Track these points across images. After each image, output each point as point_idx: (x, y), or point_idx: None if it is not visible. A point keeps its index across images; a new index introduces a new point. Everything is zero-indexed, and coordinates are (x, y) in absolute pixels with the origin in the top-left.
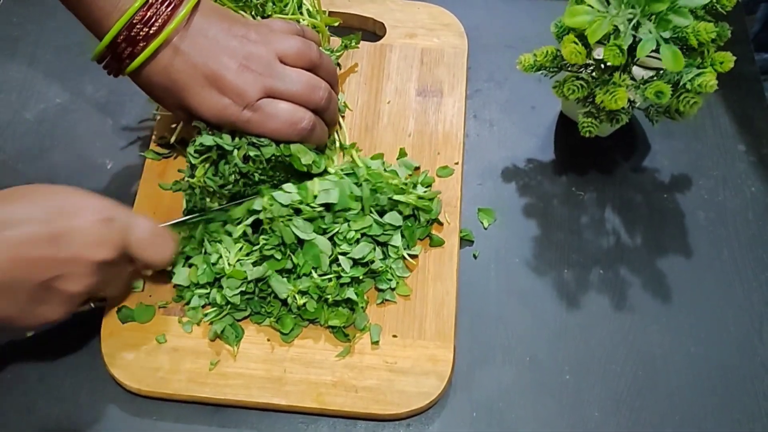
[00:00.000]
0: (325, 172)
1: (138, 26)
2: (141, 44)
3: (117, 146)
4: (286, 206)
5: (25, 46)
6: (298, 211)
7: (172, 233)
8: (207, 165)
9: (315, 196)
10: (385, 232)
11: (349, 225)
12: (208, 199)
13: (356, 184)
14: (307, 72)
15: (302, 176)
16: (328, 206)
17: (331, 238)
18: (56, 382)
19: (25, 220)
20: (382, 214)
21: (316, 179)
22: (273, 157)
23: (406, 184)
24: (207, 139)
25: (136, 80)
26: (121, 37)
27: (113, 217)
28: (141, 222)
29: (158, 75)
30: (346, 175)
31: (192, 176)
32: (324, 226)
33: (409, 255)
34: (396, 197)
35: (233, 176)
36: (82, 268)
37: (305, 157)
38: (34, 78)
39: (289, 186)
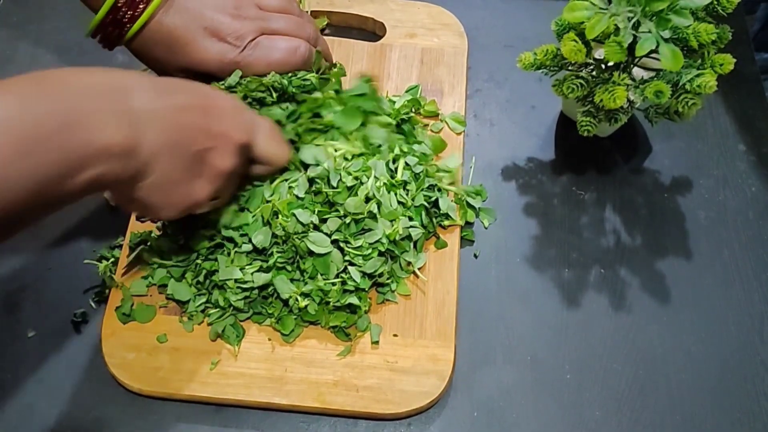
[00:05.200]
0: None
1: None
2: (141, 6)
3: None
4: (305, 225)
5: (25, 47)
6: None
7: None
8: None
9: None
10: (402, 242)
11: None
12: None
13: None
14: (292, 16)
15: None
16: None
17: (342, 250)
18: (57, 383)
19: (181, 90)
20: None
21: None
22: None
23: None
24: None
25: (134, 46)
26: (122, 1)
27: (244, 108)
28: (265, 119)
29: (159, 34)
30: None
31: None
32: (338, 238)
33: (418, 269)
34: (445, 187)
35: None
36: (229, 145)
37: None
38: None
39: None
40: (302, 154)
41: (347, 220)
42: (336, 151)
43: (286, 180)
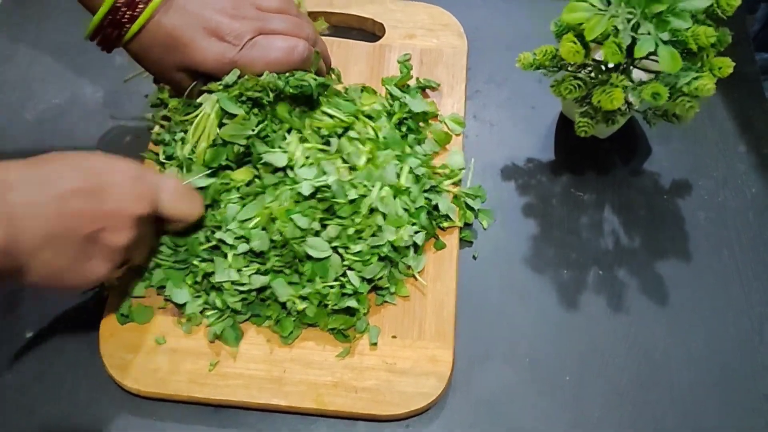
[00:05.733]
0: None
1: None
2: (140, 6)
3: (116, 147)
4: (303, 230)
5: (25, 47)
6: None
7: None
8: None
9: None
10: (403, 248)
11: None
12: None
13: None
14: (290, 16)
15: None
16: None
17: (341, 255)
18: (56, 383)
19: (65, 176)
20: None
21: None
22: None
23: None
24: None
25: (133, 47)
26: (121, 1)
27: (144, 175)
28: (169, 179)
29: (157, 35)
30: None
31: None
32: (337, 244)
33: (417, 272)
34: (444, 188)
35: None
36: (123, 221)
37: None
38: (34, 79)
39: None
40: (301, 173)
41: (350, 232)
42: (342, 163)
43: (291, 188)
